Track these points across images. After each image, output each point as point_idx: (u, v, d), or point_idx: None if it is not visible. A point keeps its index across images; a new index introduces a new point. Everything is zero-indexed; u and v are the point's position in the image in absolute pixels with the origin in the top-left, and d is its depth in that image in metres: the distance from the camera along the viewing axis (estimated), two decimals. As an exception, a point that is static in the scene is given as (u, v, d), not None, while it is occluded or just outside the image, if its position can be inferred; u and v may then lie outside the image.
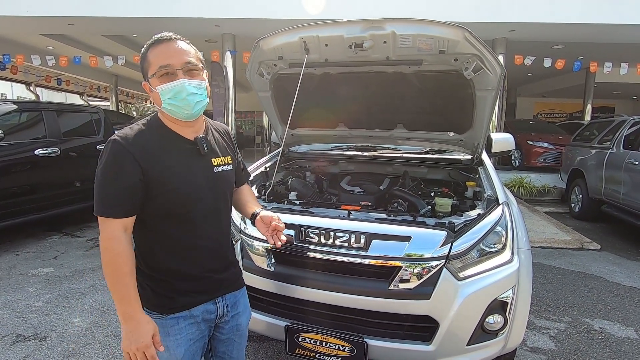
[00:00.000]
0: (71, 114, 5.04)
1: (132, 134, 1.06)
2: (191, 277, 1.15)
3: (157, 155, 1.06)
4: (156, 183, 1.05)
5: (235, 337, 1.28)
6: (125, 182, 1.02)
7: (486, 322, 1.56)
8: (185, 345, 1.14)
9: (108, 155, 1.03)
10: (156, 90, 1.07)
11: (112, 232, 1.02)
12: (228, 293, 1.24)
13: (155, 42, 1.07)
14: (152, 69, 1.06)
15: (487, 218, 1.66)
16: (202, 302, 1.17)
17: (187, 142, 1.13)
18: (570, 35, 8.37)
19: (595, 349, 2.44)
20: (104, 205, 1.02)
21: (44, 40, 9.80)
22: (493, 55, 1.71)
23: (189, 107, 1.08)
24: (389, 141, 2.62)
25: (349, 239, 1.60)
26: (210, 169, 1.16)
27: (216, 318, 1.21)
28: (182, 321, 1.14)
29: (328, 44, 1.86)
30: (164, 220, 1.09)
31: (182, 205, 1.10)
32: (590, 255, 4.34)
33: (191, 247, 1.14)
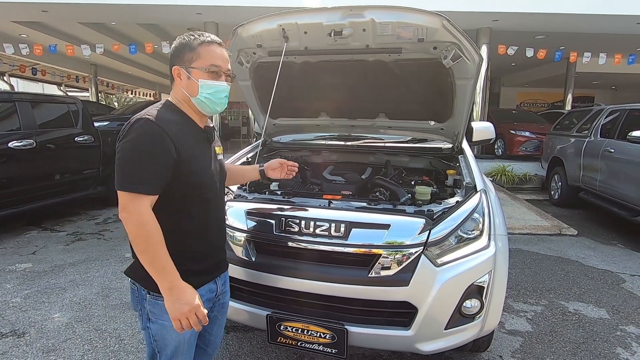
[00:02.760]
0: (47, 105, 4.87)
1: (163, 116, 1.10)
2: (202, 255, 1.22)
3: (184, 138, 1.13)
4: (184, 164, 1.11)
5: (219, 314, 1.37)
6: (163, 159, 1.06)
7: (463, 307, 1.60)
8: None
9: (142, 134, 1.05)
10: (196, 81, 1.14)
11: (145, 208, 1.04)
12: (222, 272, 1.33)
13: (210, 41, 1.18)
14: (202, 62, 1.15)
15: (465, 205, 1.68)
16: (207, 282, 1.23)
17: (201, 130, 1.23)
18: (552, 25, 8.49)
19: (569, 329, 2.54)
20: (138, 182, 1.04)
21: (16, 28, 9.38)
22: (471, 43, 1.72)
23: (221, 105, 1.21)
24: (371, 130, 2.63)
25: (329, 228, 1.60)
26: (215, 156, 1.29)
27: (215, 296, 1.28)
28: None
29: (307, 32, 1.83)
30: (184, 199, 1.15)
31: (200, 186, 1.18)
32: (567, 241, 4.48)
33: (204, 226, 1.22)
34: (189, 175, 1.13)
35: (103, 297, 2.86)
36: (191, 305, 1.07)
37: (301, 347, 1.65)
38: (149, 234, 1.04)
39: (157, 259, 1.05)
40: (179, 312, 1.06)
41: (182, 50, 1.16)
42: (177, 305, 1.06)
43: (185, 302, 1.06)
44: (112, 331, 2.41)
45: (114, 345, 2.27)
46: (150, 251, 1.05)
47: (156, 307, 1.14)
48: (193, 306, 1.07)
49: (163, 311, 1.12)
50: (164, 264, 1.06)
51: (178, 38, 1.20)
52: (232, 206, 1.85)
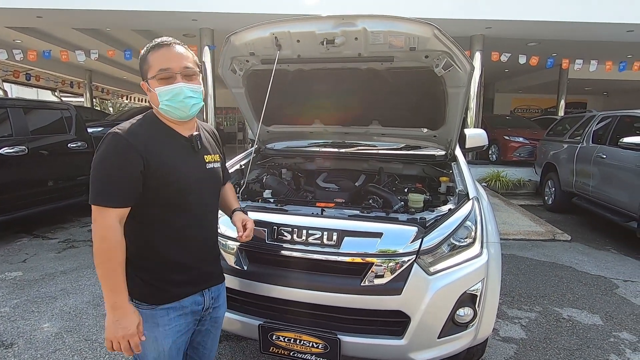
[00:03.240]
0: (40, 111, 4.84)
1: (133, 128, 1.11)
2: (184, 267, 1.19)
3: (156, 148, 1.11)
4: (156, 174, 1.10)
5: (212, 328, 1.34)
6: (127, 172, 1.06)
7: (457, 315, 1.60)
8: (173, 337, 1.17)
9: (109, 147, 1.06)
10: (154, 91, 1.12)
11: (110, 221, 1.04)
12: (214, 286, 1.29)
13: (155, 46, 1.14)
14: (152, 71, 1.12)
15: (457, 213, 1.69)
16: (192, 294, 1.21)
17: (183, 138, 1.19)
18: (543, 33, 8.61)
19: (564, 336, 2.54)
20: (103, 195, 1.05)
21: (10, 33, 9.35)
22: (462, 52, 1.73)
23: (186, 108, 1.15)
24: (365, 137, 2.63)
25: (322, 237, 1.60)
26: (203, 165, 1.23)
27: (202, 310, 1.25)
28: (172, 312, 1.17)
29: (300, 40, 1.84)
30: (162, 209, 1.14)
31: (179, 196, 1.15)
32: (561, 246, 4.50)
33: (185, 236, 1.18)
34: (166, 186, 1.11)
35: (94, 306, 2.81)
36: (126, 331, 1.05)
37: (293, 357, 1.63)
38: (109, 249, 1.04)
39: (109, 275, 1.05)
40: (113, 334, 1.05)
41: (141, 65, 1.15)
42: (113, 327, 1.05)
43: (122, 327, 1.05)
44: (103, 341, 2.37)
45: (104, 355, 2.24)
46: (105, 267, 1.04)
47: None
48: (127, 333, 1.05)
49: (144, 320, 1.12)
50: (116, 282, 1.05)
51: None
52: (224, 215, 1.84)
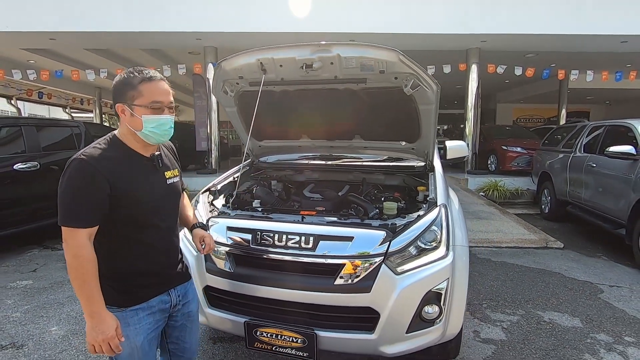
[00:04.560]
0: (51, 129, 5.13)
1: (97, 153, 1.21)
2: (149, 274, 1.33)
3: (121, 171, 1.23)
4: (122, 195, 1.21)
5: (187, 322, 1.47)
6: (94, 196, 1.17)
7: (423, 312, 1.75)
8: (144, 334, 1.31)
9: (76, 172, 1.17)
10: (139, 117, 1.23)
11: (80, 241, 1.16)
12: (179, 285, 1.43)
13: (148, 79, 1.25)
14: (143, 100, 1.23)
15: (424, 218, 1.85)
16: (158, 294, 1.35)
17: (145, 158, 1.32)
18: (538, 45, 8.81)
19: (542, 337, 2.65)
20: (73, 218, 1.16)
21: (25, 55, 9.83)
22: (426, 73, 1.93)
23: (166, 135, 1.30)
24: (349, 150, 2.82)
25: (299, 241, 1.77)
26: (164, 181, 1.36)
27: (170, 307, 1.39)
28: (141, 312, 1.30)
29: (282, 65, 2.05)
30: (127, 226, 1.26)
31: (144, 213, 1.28)
32: (553, 254, 4.60)
33: (151, 248, 1.32)
34: (130, 207, 1.23)
35: (99, 311, 2.99)
36: (105, 335, 1.17)
37: (276, 351, 1.79)
38: (81, 265, 1.16)
39: (85, 288, 1.17)
40: (93, 339, 1.18)
41: (124, 88, 1.24)
42: (93, 332, 1.17)
43: (100, 331, 1.17)
44: (106, 342, 2.55)
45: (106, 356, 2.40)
46: (80, 280, 1.16)
47: None
48: (107, 336, 1.17)
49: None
50: (91, 293, 1.17)
51: (118, 76, 1.28)
52: (217, 222, 2.02)
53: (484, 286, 3.55)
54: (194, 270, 1.98)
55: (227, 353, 2.43)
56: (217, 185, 2.46)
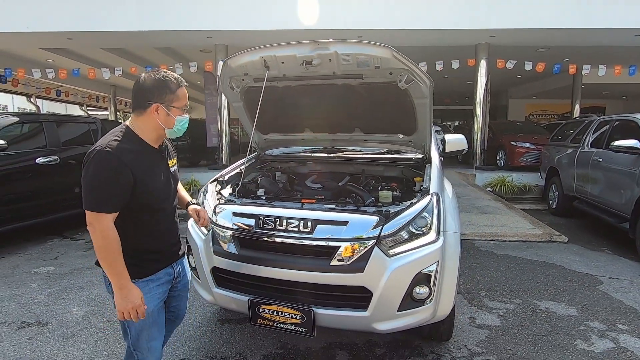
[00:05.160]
0: (70, 125, 5.38)
1: (119, 146, 1.35)
2: (157, 250, 1.52)
3: (139, 161, 1.39)
4: (140, 184, 1.37)
5: (183, 292, 1.72)
6: (120, 185, 1.32)
7: (414, 292, 1.87)
8: (154, 302, 1.50)
9: (102, 162, 1.30)
10: (174, 117, 1.44)
11: (107, 224, 1.32)
12: (178, 259, 1.65)
13: (183, 84, 1.46)
14: (180, 103, 1.44)
15: (416, 205, 1.97)
16: (164, 268, 1.55)
17: (155, 150, 1.49)
18: (548, 40, 8.72)
19: (536, 324, 2.74)
20: (101, 204, 1.31)
21: (43, 54, 10.19)
22: (419, 69, 2.04)
23: (184, 131, 1.52)
24: (350, 143, 2.95)
25: (299, 225, 1.91)
26: (169, 169, 1.55)
27: (173, 279, 1.61)
28: (151, 283, 1.50)
29: (284, 62, 2.19)
30: (141, 210, 1.43)
31: (156, 199, 1.46)
32: (556, 247, 4.64)
33: (159, 229, 1.52)
34: (145, 194, 1.40)
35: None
36: (134, 304, 1.36)
37: (277, 327, 1.94)
38: (109, 245, 1.32)
39: (113, 265, 1.34)
40: (123, 307, 1.36)
41: (163, 90, 1.40)
42: (123, 302, 1.36)
43: (129, 301, 1.35)
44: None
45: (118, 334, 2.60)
46: (109, 259, 1.33)
47: None
48: (135, 305, 1.36)
49: None
50: (119, 269, 1.34)
51: (149, 76, 1.41)
52: (224, 208, 2.18)
53: (484, 276, 3.63)
54: (202, 253, 2.14)
55: (233, 333, 2.59)
56: (224, 176, 2.61)
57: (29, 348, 2.43)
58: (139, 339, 1.50)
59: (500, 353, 2.36)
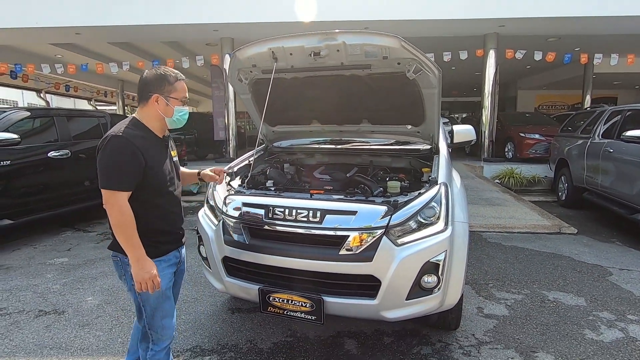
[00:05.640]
0: (80, 119, 5.46)
1: (132, 133, 1.50)
2: (167, 232, 1.64)
3: (148, 147, 1.53)
4: (149, 167, 1.51)
5: (179, 278, 1.82)
6: (135, 166, 1.46)
7: (422, 281, 1.89)
8: (166, 280, 1.62)
9: (118, 146, 1.45)
10: (172, 107, 1.57)
11: (123, 201, 1.45)
12: (182, 246, 1.76)
13: (181, 79, 1.61)
14: (178, 94, 1.58)
15: (424, 196, 1.98)
16: (173, 250, 1.68)
17: (160, 139, 1.63)
18: (560, 29, 8.55)
19: (544, 315, 2.74)
20: (117, 183, 1.44)
21: (53, 49, 10.29)
22: (428, 59, 2.03)
23: (184, 122, 1.64)
24: (358, 135, 2.95)
25: (308, 215, 1.93)
26: (172, 158, 1.69)
27: (179, 262, 1.73)
28: (163, 263, 1.61)
29: (292, 53, 2.19)
30: (150, 192, 1.55)
31: (163, 183, 1.59)
32: (565, 239, 4.61)
33: (169, 211, 1.64)
34: (155, 177, 1.53)
35: (128, 285, 3.28)
36: (150, 274, 1.48)
37: (287, 315, 1.97)
38: (126, 220, 1.44)
39: (130, 238, 1.45)
40: (141, 278, 1.47)
41: (162, 83, 1.55)
42: (141, 273, 1.46)
43: (146, 271, 1.47)
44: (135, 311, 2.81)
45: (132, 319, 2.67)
46: (126, 233, 1.45)
47: None
48: (152, 275, 1.48)
49: None
50: (135, 242, 1.46)
51: (150, 71, 1.57)
52: (234, 199, 2.21)
53: (492, 267, 3.64)
54: (214, 243, 2.18)
55: (244, 322, 2.64)
56: (233, 168, 2.64)
57: (47, 335, 2.51)
58: (154, 317, 1.60)
59: (508, 342, 2.38)
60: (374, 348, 2.31)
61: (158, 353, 1.64)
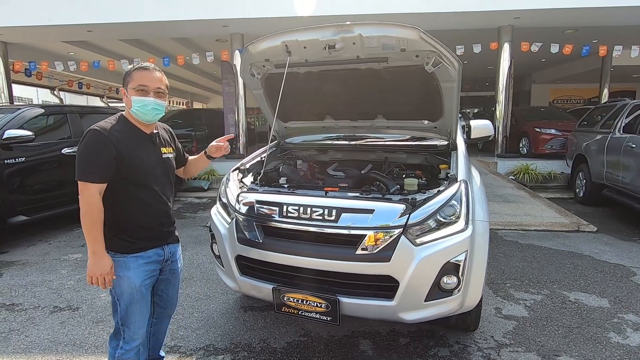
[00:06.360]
0: (93, 116, 5.47)
1: (107, 126, 1.53)
2: (147, 227, 1.62)
3: (125, 142, 1.53)
4: (126, 160, 1.51)
5: (172, 278, 1.78)
6: (105, 157, 1.47)
7: (442, 282, 1.82)
8: (141, 278, 1.59)
9: (91, 138, 1.48)
10: (130, 98, 1.55)
11: (92, 193, 1.45)
12: (171, 244, 1.73)
13: (141, 68, 1.58)
14: (133, 84, 1.55)
15: (444, 193, 1.91)
16: (154, 247, 1.64)
17: (145, 135, 1.64)
18: (578, 20, 8.29)
19: (566, 316, 2.65)
20: (87, 174, 1.46)
21: (65, 47, 10.38)
22: (448, 50, 1.94)
23: (151, 115, 1.59)
24: (373, 130, 2.88)
25: (323, 213, 1.88)
26: (160, 155, 1.67)
27: (163, 261, 1.69)
28: (140, 260, 1.59)
29: (306, 47, 2.13)
30: (131, 186, 1.56)
31: (143, 177, 1.58)
32: (584, 237, 4.47)
33: (147, 205, 1.61)
34: (131, 169, 1.53)
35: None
36: (102, 270, 1.47)
37: (301, 315, 1.93)
38: (92, 212, 1.45)
39: (91, 230, 1.46)
40: (93, 272, 1.48)
41: (125, 76, 1.57)
42: (93, 267, 1.47)
43: (99, 267, 1.47)
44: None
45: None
46: (87, 223, 1.45)
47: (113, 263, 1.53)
48: (103, 271, 1.47)
49: (118, 265, 1.54)
50: (97, 235, 1.47)
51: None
52: (247, 197, 2.17)
53: (509, 266, 3.54)
54: (227, 241, 2.14)
55: (256, 320, 2.61)
56: (245, 165, 2.60)
57: (61, 332, 2.51)
58: (128, 313, 1.59)
59: (529, 345, 2.30)
60: (390, 349, 2.25)
61: (128, 352, 1.62)
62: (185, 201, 6.71)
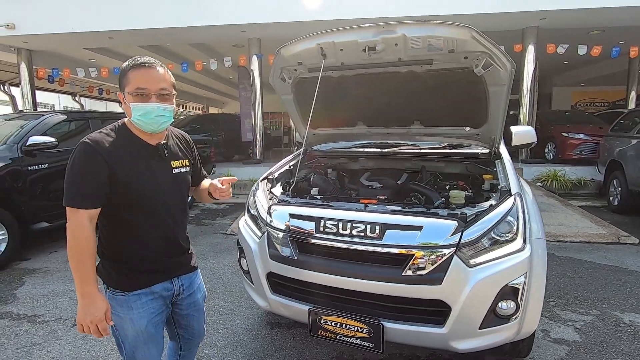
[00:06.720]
0: (113, 121, 5.47)
1: (101, 138, 1.23)
2: (148, 259, 1.32)
3: (123, 157, 1.24)
4: (122, 181, 1.22)
5: (194, 312, 1.49)
6: (94, 178, 1.18)
7: (498, 307, 1.64)
8: (147, 317, 1.31)
9: (79, 154, 1.19)
10: (129, 105, 1.24)
11: (80, 221, 1.17)
12: (183, 275, 1.43)
13: (137, 65, 1.24)
14: (130, 87, 1.23)
15: (498, 208, 1.72)
16: (161, 281, 1.35)
17: (150, 147, 1.32)
18: (606, 20, 7.96)
19: (623, 341, 2.41)
20: (74, 198, 1.18)
21: (87, 54, 10.56)
22: (502, 51, 1.77)
23: (155, 124, 1.28)
24: (407, 137, 2.71)
25: (365, 229, 1.72)
26: (169, 171, 1.35)
27: (173, 295, 1.40)
28: (144, 297, 1.31)
29: (343, 49, 1.99)
30: (128, 211, 1.26)
31: (144, 200, 1.27)
32: (627, 250, 4.18)
33: (148, 234, 1.31)
34: (129, 190, 1.23)
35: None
36: (94, 317, 1.18)
37: (340, 340, 1.77)
38: (79, 245, 1.17)
39: (80, 268, 1.18)
40: (82, 319, 1.19)
41: (120, 77, 1.26)
42: (82, 312, 1.19)
43: (89, 313, 1.18)
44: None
45: (173, 334, 2.54)
46: (76, 260, 1.17)
47: (113, 301, 1.29)
48: (95, 318, 1.18)
49: (119, 305, 1.28)
50: (86, 273, 1.18)
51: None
52: (277, 210, 2.03)
53: (549, 282, 3.29)
54: (257, 257, 2.01)
55: (285, 339, 2.46)
56: (274, 174, 2.47)
57: (83, 347, 2.42)
58: (135, 356, 1.34)
59: (587, 374, 2.09)
60: (432, 375, 2.07)
61: None
62: (204, 207, 6.64)
